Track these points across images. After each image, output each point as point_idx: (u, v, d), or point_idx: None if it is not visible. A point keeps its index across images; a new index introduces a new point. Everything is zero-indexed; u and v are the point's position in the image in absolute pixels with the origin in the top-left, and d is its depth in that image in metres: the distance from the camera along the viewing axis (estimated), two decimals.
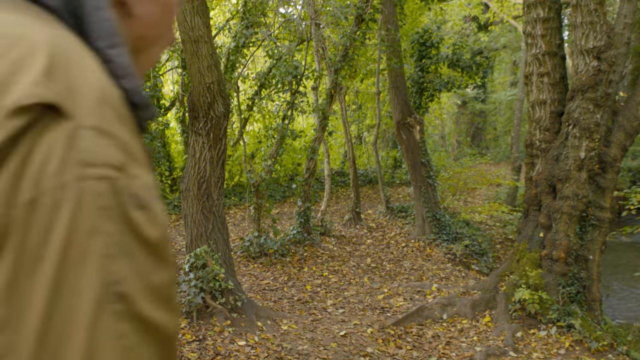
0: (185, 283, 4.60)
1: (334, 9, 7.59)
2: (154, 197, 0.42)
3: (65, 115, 0.38)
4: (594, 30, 5.12)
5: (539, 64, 5.66)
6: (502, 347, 4.72)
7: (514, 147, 13.46)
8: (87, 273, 0.36)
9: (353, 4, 8.03)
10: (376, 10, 7.96)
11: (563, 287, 5.20)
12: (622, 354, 4.67)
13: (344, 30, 7.81)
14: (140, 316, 0.38)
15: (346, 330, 4.88)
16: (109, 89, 0.42)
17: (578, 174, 5.25)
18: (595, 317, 5.21)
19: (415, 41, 10.57)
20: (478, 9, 15.76)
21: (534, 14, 5.64)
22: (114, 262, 0.37)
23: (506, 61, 20.07)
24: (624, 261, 10.26)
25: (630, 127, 5.30)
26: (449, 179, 11.61)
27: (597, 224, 5.38)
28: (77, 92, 0.39)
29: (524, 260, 5.55)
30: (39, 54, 0.39)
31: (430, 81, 10.53)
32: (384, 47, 8.78)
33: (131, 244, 0.38)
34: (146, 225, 0.40)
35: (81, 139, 0.37)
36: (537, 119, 5.75)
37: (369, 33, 8.58)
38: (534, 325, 5.08)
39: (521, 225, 5.98)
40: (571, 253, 5.26)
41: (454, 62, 10.58)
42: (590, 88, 5.16)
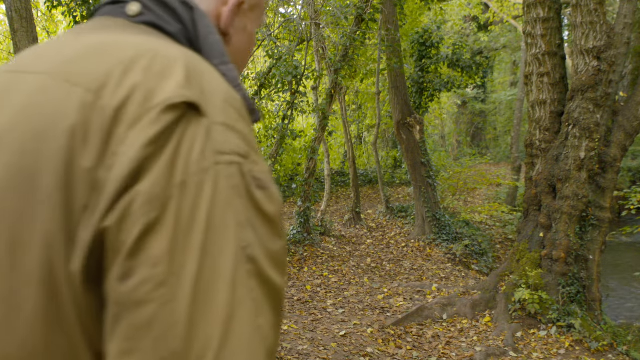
0: None
1: (334, 9, 7.60)
2: (270, 180, 0.51)
3: (202, 113, 0.47)
4: (594, 30, 5.12)
5: (539, 64, 5.66)
6: (502, 347, 4.72)
7: (514, 147, 13.46)
8: (226, 238, 0.45)
9: (353, 4, 8.03)
10: (376, 10, 7.96)
11: (563, 287, 5.20)
12: (622, 354, 4.67)
13: (344, 30, 7.81)
14: (264, 275, 0.47)
15: (346, 330, 4.88)
16: (232, 94, 0.52)
17: (578, 174, 5.25)
18: (595, 317, 5.21)
19: (415, 41, 10.57)
20: (478, 9, 15.76)
21: (534, 14, 5.64)
22: (244, 230, 0.46)
23: (506, 61, 20.07)
24: (624, 261, 10.26)
25: (630, 127, 5.30)
26: (449, 179, 11.61)
27: (597, 224, 5.38)
28: (208, 95, 0.49)
29: (524, 260, 5.55)
30: (178, 66, 0.49)
31: (430, 81, 10.53)
32: (384, 47, 8.78)
33: (255, 217, 0.47)
34: (265, 202, 0.48)
35: (215, 133, 0.47)
36: (537, 119, 5.75)
37: (369, 33, 8.58)
38: (534, 325, 5.08)
39: (521, 225, 5.98)
40: (571, 253, 5.26)
41: (454, 62, 10.58)
42: (590, 88, 5.16)
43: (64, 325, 0.46)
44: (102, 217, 0.44)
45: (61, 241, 0.46)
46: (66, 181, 0.46)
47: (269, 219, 0.49)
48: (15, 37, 2.63)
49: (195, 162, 0.45)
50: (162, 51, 0.51)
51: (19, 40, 2.62)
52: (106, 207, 0.44)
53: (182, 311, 0.42)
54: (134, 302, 0.42)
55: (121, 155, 0.45)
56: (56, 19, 10.12)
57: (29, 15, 2.63)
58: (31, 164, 0.47)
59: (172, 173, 0.44)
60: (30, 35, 2.64)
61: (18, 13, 2.60)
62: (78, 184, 0.46)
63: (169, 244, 0.43)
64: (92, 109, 0.47)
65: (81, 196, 0.45)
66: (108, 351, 0.43)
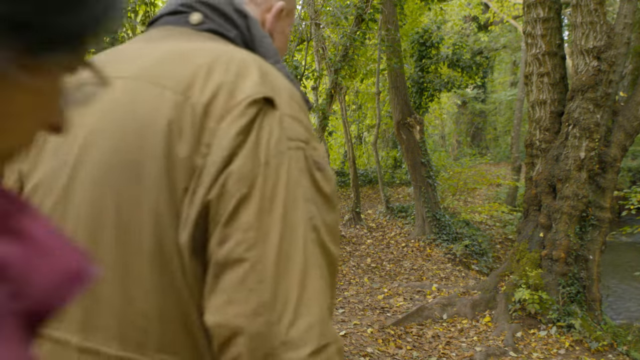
0: None
1: (334, 9, 7.60)
2: (327, 162, 0.60)
3: (275, 107, 0.57)
4: (594, 30, 5.12)
5: (539, 64, 5.66)
6: (502, 347, 4.72)
7: (514, 147, 13.45)
8: (298, 210, 0.54)
9: (353, 4, 8.03)
10: (376, 10, 7.96)
11: (563, 287, 5.20)
12: (622, 354, 4.67)
13: (344, 30, 7.81)
14: (324, 244, 0.56)
15: (346, 330, 4.88)
16: (294, 90, 0.62)
17: (578, 174, 5.25)
18: (595, 317, 5.21)
19: (415, 41, 10.57)
20: (478, 9, 15.76)
21: (534, 14, 5.64)
22: (309, 204, 0.55)
23: (506, 61, 20.07)
24: (624, 261, 10.26)
25: (630, 127, 5.30)
26: (449, 179, 11.61)
27: (597, 224, 5.38)
28: (277, 91, 0.58)
29: (524, 260, 5.55)
30: (252, 67, 0.59)
31: (430, 81, 10.53)
32: (384, 47, 8.78)
33: (315, 194, 0.57)
34: (323, 182, 0.58)
35: (285, 122, 0.56)
36: (537, 119, 5.75)
37: (369, 33, 8.58)
38: (534, 325, 5.08)
39: (521, 225, 5.98)
40: (571, 253, 5.26)
41: (454, 62, 10.58)
42: (590, 88, 5.16)
43: (175, 290, 0.55)
44: (205, 193, 0.54)
45: (169, 219, 0.55)
46: (168, 169, 0.55)
47: (326, 196, 0.58)
48: None
49: (274, 146, 0.55)
50: (235, 54, 0.61)
51: None
52: (208, 185, 0.54)
53: (269, 269, 0.52)
54: (231, 262, 0.52)
55: (216, 145, 0.54)
56: None
57: None
58: (135, 157, 0.56)
59: (257, 156, 0.54)
60: None
61: None
62: (178, 170, 0.55)
63: (257, 213, 0.53)
64: (183, 107, 0.56)
65: (181, 180, 0.55)
66: (209, 305, 0.53)
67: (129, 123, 0.58)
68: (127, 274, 0.56)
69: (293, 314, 0.52)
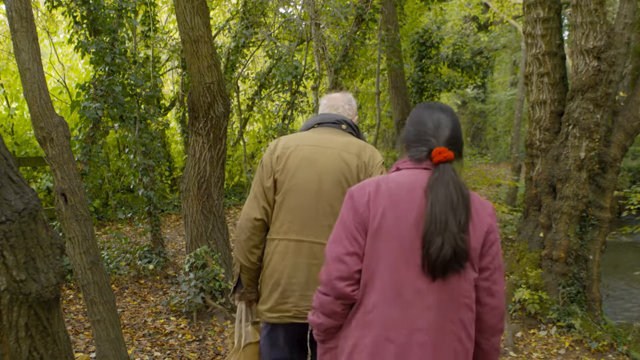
0: (185, 283, 4.59)
1: (334, 9, 7.59)
2: (383, 165, 2.22)
3: (383, 162, 2.27)
4: (594, 30, 5.12)
5: (539, 64, 5.66)
6: (502, 347, 4.72)
7: (514, 147, 13.44)
8: (379, 172, 2.19)
9: (353, 4, 8.03)
10: (376, 10, 7.96)
11: (563, 287, 5.20)
12: (622, 354, 4.67)
13: (344, 30, 7.81)
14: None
15: None
16: (379, 157, 2.25)
17: (578, 174, 5.25)
18: (595, 317, 5.21)
19: (415, 41, 10.56)
20: (478, 9, 15.76)
21: (534, 14, 5.64)
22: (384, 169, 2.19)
23: (506, 61, 20.06)
24: (624, 261, 10.26)
25: (630, 127, 5.30)
26: None
27: (597, 224, 5.38)
28: (377, 155, 2.25)
29: (524, 260, 5.55)
30: (371, 147, 2.26)
31: (430, 81, 10.52)
32: (384, 47, 8.78)
33: (384, 173, 2.12)
34: (384, 171, 2.12)
35: (378, 163, 2.22)
36: (537, 119, 5.75)
37: (369, 33, 8.58)
38: (534, 325, 5.08)
39: (521, 225, 5.98)
40: (571, 253, 5.26)
41: (454, 62, 10.58)
42: (590, 88, 5.16)
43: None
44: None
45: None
46: (358, 181, 2.08)
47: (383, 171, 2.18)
48: (15, 37, 2.62)
49: (379, 167, 2.19)
50: (365, 143, 2.25)
51: (19, 40, 2.61)
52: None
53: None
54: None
55: (374, 175, 2.12)
56: (56, 19, 10.12)
57: (29, 15, 2.63)
58: (347, 176, 2.14)
59: (379, 170, 2.17)
60: (30, 35, 2.63)
61: (18, 13, 2.59)
62: (360, 181, 2.05)
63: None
64: (360, 161, 2.17)
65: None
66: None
67: (341, 165, 2.14)
68: (322, 206, 2.13)
69: None
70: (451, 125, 1.57)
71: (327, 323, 1.55)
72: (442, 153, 1.49)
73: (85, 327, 4.22)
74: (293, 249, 2.11)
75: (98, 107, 5.31)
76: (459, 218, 1.42)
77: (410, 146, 1.59)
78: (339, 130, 2.26)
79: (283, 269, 2.12)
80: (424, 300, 1.44)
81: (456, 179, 1.47)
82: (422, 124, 1.57)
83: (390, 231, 1.47)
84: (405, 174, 1.55)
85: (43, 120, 2.73)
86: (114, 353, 3.03)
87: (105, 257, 5.52)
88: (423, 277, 1.45)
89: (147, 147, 5.86)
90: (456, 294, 1.45)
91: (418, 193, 1.48)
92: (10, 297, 1.57)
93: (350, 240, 1.50)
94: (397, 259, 1.46)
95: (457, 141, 1.58)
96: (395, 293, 1.45)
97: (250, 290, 2.30)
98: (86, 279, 2.93)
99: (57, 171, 2.80)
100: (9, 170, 1.64)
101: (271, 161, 2.17)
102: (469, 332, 1.49)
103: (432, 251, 1.41)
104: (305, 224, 2.11)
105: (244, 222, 2.20)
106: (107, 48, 5.45)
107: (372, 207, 1.50)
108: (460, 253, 1.42)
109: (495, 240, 1.52)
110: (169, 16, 10.93)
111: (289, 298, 2.12)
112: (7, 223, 1.56)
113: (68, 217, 2.83)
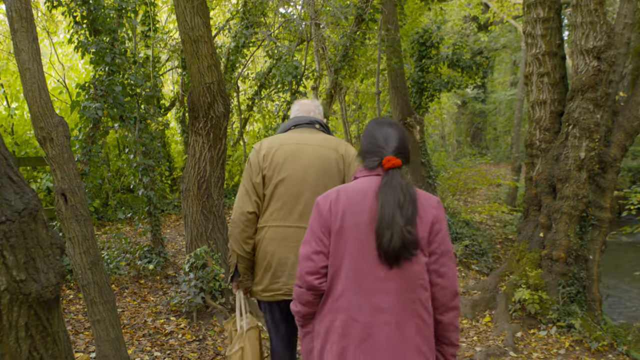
0: (185, 283, 4.59)
1: (334, 9, 7.59)
2: (355, 155, 2.56)
3: (355, 153, 2.56)
4: (594, 30, 5.12)
5: (539, 64, 5.66)
6: (502, 347, 4.72)
7: (514, 147, 13.45)
8: (355, 164, 2.55)
9: (353, 4, 8.02)
10: (376, 10, 7.96)
11: (563, 287, 5.20)
12: (622, 354, 4.67)
13: (344, 30, 7.81)
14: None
15: None
16: (353, 150, 2.58)
17: (578, 174, 5.25)
18: (595, 317, 5.21)
19: (415, 41, 10.56)
20: (478, 9, 15.75)
21: (534, 14, 5.64)
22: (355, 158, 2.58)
23: (506, 61, 20.06)
24: (624, 261, 10.26)
25: (630, 127, 5.30)
26: (449, 179, 11.60)
27: (597, 224, 5.38)
28: (349, 147, 2.61)
29: (524, 260, 5.54)
30: (344, 142, 2.64)
31: (430, 81, 10.52)
32: (384, 47, 8.78)
33: (353, 160, 2.60)
34: (353, 158, 2.56)
35: (352, 155, 2.56)
36: (537, 119, 5.75)
37: (369, 33, 8.57)
38: (534, 325, 5.08)
39: (521, 225, 5.98)
40: (571, 253, 5.26)
41: (454, 62, 10.57)
42: (590, 88, 5.16)
43: (333, 178, 2.49)
44: (346, 173, 2.54)
45: (339, 182, 2.50)
46: (338, 172, 2.51)
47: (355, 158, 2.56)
48: (15, 37, 2.62)
49: (354, 157, 2.54)
50: (339, 139, 2.64)
51: (19, 40, 2.61)
52: (348, 171, 2.53)
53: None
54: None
55: (352, 167, 2.52)
56: (56, 19, 10.12)
57: (29, 15, 2.62)
58: (327, 168, 2.49)
59: (353, 160, 2.54)
60: (30, 35, 2.63)
61: (18, 13, 2.59)
62: (340, 172, 2.51)
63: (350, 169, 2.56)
64: (338, 154, 2.53)
65: (341, 174, 2.52)
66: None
67: (322, 158, 2.50)
68: (322, 185, 2.46)
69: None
70: (398, 137, 1.86)
71: (303, 310, 1.88)
72: (390, 160, 1.79)
73: (85, 327, 4.22)
74: (281, 234, 2.43)
75: (98, 107, 5.31)
76: (405, 214, 1.70)
77: (365, 157, 1.89)
78: (313, 129, 2.62)
79: (273, 252, 2.44)
80: (383, 286, 1.73)
81: (403, 182, 1.76)
82: (374, 137, 1.88)
83: (350, 230, 1.76)
84: (360, 181, 1.85)
85: (43, 120, 2.73)
86: (114, 353, 3.03)
87: (105, 257, 5.51)
88: (381, 267, 1.73)
89: (147, 147, 5.86)
90: (411, 277, 1.74)
91: (370, 197, 1.78)
92: (10, 297, 1.57)
93: (317, 241, 1.81)
94: (357, 254, 1.74)
95: (404, 150, 1.86)
96: (358, 282, 1.74)
97: (246, 278, 2.58)
98: (86, 279, 2.93)
99: (57, 171, 2.80)
100: (9, 170, 1.64)
101: (258, 160, 2.49)
102: (427, 308, 1.77)
103: (384, 243, 1.69)
104: (292, 212, 2.43)
105: (237, 217, 2.48)
106: (107, 48, 5.45)
107: (334, 211, 1.79)
108: (408, 243, 1.69)
109: (441, 228, 1.79)
110: (169, 16, 10.93)
111: (279, 278, 2.44)
112: (7, 223, 1.56)
113: (68, 217, 2.83)
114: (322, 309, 1.83)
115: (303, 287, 1.83)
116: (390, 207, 1.71)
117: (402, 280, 1.73)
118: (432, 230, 1.77)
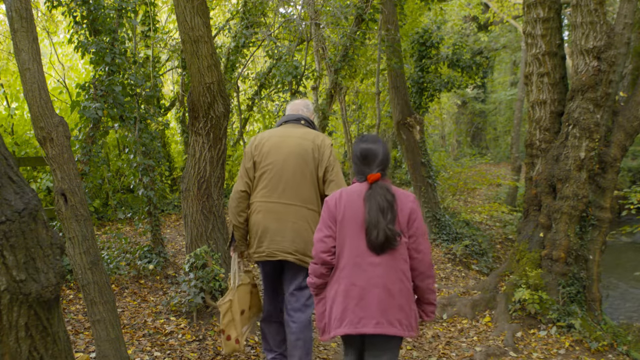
0: (185, 283, 4.59)
1: (334, 9, 7.59)
2: (331, 146, 3.27)
3: (331, 145, 3.29)
4: (594, 30, 5.12)
5: (539, 64, 5.66)
6: (502, 347, 4.72)
7: (514, 147, 13.45)
8: (338, 167, 3.20)
9: (353, 4, 8.02)
10: (376, 10, 7.95)
11: (563, 287, 5.20)
12: (622, 354, 4.67)
13: (344, 30, 7.81)
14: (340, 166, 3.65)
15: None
16: (329, 141, 3.29)
17: (578, 174, 5.25)
18: (595, 317, 5.21)
19: (415, 41, 10.56)
20: (478, 9, 15.75)
21: (534, 14, 5.64)
22: (338, 166, 3.21)
23: (506, 61, 20.06)
24: (624, 261, 10.27)
25: (630, 127, 5.30)
26: (449, 179, 11.61)
27: (597, 224, 5.38)
28: (326, 139, 3.27)
29: (524, 260, 5.54)
30: (323, 135, 3.28)
31: (430, 81, 10.52)
32: (384, 47, 8.78)
33: (333, 154, 3.22)
34: (333, 151, 3.24)
35: (328, 145, 3.25)
36: (537, 119, 5.75)
37: (369, 33, 8.57)
38: (534, 325, 5.08)
39: (521, 225, 5.98)
40: (571, 253, 5.26)
41: (454, 62, 10.57)
42: (590, 88, 5.16)
43: (315, 184, 3.16)
44: (323, 165, 3.16)
45: (314, 170, 3.16)
46: (313, 159, 3.16)
47: (335, 157, 3.23)
48: (15, 37, 2.62)
49: (329, 147, 3.21)
50: (318, 132, 3.30)
51: (19, 40, 2.61)
52: (324, 164, 3.17)
53: (340, 181, 3.16)
54: (329, 180, 3.15)
55: (325, 155, 3.18)
56: (56, 19, 10.12)
57: (29, 15, 2.62)
58: (304, 156, 3.15)
59: (329, 150, 3.20)
60: (30, 35, 2.63)
61: (18, 13, 2.59)
62: (315, 160, 3.16)
63: (335, 169, 3.16)
64: (314, 145, 3.18)
65: (316, 161, 3.16)
66: (326, 191, 3.15)
67: (299, 148, 3.17)
68: (300, 180, 3.14)
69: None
70: (379, 153, 2.49)
71: (317, 282, 2.53)
72: (372, 177, 2.44)
73: (85, 327, 4.22)
74: (266, 207, 3.17)
75: (98, 107, 5.31)
76: (386, 216, 2.34)
77: (356, 175, 2.56)
78: (298, 125, 3.33)
79: (259, 222, 3.17)
80: (375, 260, 2.38)
81: (383, 192, 2.39)
82: (359, 159, 2.52)
83: (349, 222, 2.43)
84: (355, 186, 2.53)
85: (43, 120, 2.73)
86: (114, 353, 3.03)
87: (105, 257, 5.51)
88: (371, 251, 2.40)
89: (147, 147, 5.86)
90: (396, 255, 2.39)
91: (362, 200, 2.44)
92: (10, 297, 1.57)
93: (327, 228, 2.48)
94: (355, 239, 2.41)
95: (384, 163, 2.49)
96: (355, 259, 2.40)
97: (241, 244, 3.34)
98: (86, 279, 2.93)
99: (57, 171, 2.80)
100: (9, 170, 1.64)
101: (251, 149, 3.26)
102: (407, 276, 2.42)
103: (372, 238, 2.35)
104: (275, 190, 3.16)
105: (233, 194, 3.26)
106: (107, 48, 5.44)
107: (338, 206, 2.47)
108: (390, 238, 2.34)
109: (416, 217, 2.44)
110: (169, 16, 10.93)
111: (263, 242, 3.17)
112: (7, 223, 1.56)
113: (68, 217, 2.83)
114: (331, 280, 2.47)
115: (318, 263, 2.47)
116: (374, 212, 2.35)
117: (389, 258, 2.37)
118: (410, 218, 2.42)
